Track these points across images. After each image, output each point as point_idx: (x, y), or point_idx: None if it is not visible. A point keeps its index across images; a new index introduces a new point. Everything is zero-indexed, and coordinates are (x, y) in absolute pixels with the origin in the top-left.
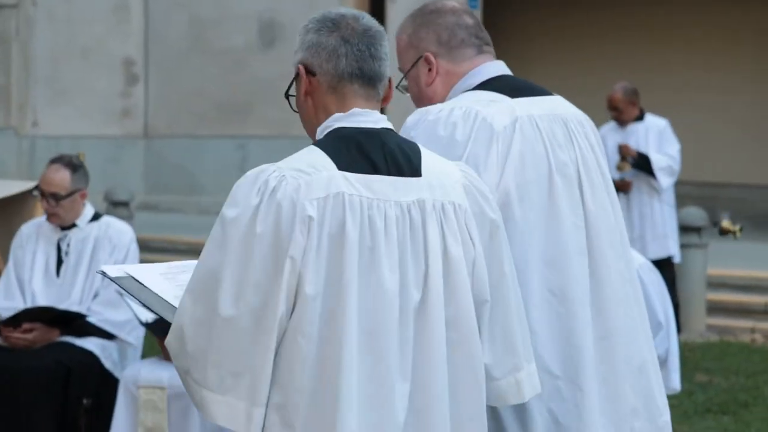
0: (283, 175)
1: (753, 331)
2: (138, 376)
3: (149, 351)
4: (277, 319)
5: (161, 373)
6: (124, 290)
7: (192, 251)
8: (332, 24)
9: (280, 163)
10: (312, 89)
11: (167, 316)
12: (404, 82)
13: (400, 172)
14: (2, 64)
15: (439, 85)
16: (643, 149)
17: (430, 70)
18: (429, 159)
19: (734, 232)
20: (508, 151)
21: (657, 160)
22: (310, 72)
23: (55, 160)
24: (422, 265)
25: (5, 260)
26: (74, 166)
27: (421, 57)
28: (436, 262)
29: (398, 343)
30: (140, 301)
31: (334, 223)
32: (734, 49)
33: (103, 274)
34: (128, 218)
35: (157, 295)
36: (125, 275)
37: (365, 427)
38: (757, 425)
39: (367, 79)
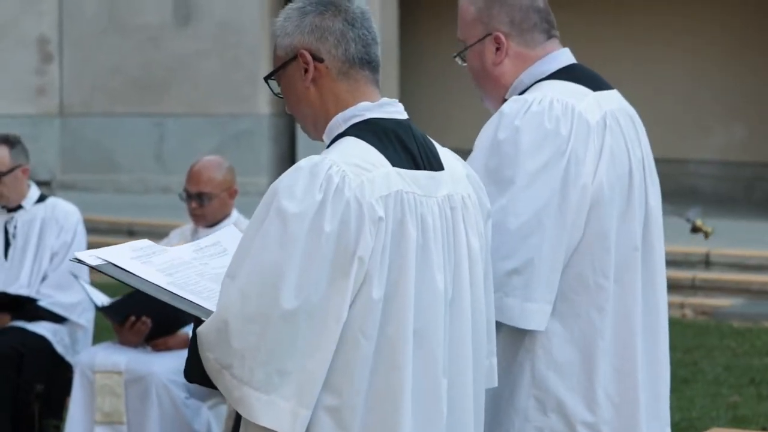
0: (344, 171)
1: (682, 306)
2: (94, 361)
3: (99, 334)
4: (341, 321)
5: (118, 358)
6: (109, 276)
7: (113, 230)
8: (333, 6)
9: (333, 156)
10: (319, 76)
11: (167, 299)
12: (463, 54)
13: (431, 166)
14: None
15: (508, 66)
16: None
17: (498, 49)
18: (441, 151)
19: (706, 233)
20: (602, 146)
21: None
22: (316, 58)
23: None
24: (453, 261)
25: None
26: (11, 141)
27: (489, 35)
28: (463, 257)
29: (442, 340)
30: (128, 284)
31: (396, 222)
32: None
33: (80, 261)
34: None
35: (145, 279)
36: (104, 262)
37: (419, 425)
38: (700, 401)
39: (374, 65)
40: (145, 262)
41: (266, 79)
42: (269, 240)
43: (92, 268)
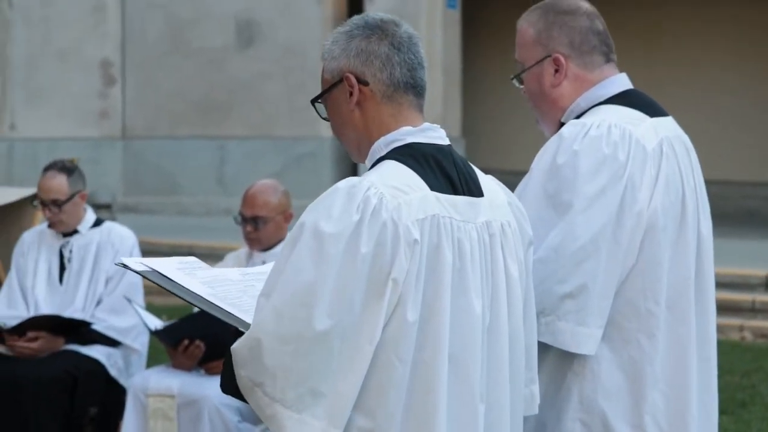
0: (382, 193)
1: (742, 329)
2: (147, 384)
3: (153, 358)
4: (374, 342)
5: (170, 381)
6: (153, 282)
7: (173, 253)
8: (380, 30)
9: (371, 178)
10: (363, 99)
11: (206, 308)
12: (521, 76)
13: (471, 192)
14: None
15: (566, 89)
16: None
17: (557, 71)
18: (482, 177)
19: None
20: (658, 172)
21: None
22: (361, 81)
23: (48, 168)
24: (491, 287)
25: (6, 269)
26: (68, 169)
27: (549, 56)
28: (501, 284)
29: (479, 366)
30: (170, 291)
31: (432, 245)
32: (719, 46)
33: (125, 266)
34: (110, 221)
35: (188, 289)
36: (149, 269)
37: None
38: (757, 425)
39: (419, 89)
40: (189, 274)
41: (313, 102)
42: (304, 260)
43: (136, 273)
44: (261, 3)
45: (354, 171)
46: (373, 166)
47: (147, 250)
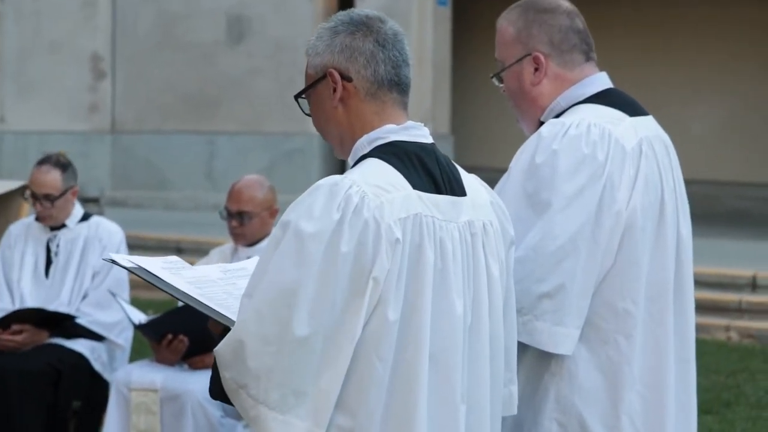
0: (364, 191)
1: (728, 329)
2: (130, 379)
3: (137, 352)
4: (354, 341)
5: (154, 376)
6: (141, 278)
7: (161, 248)
8: (365, 27)
9: (353, 177)
10: (347, 96)
11: (195, 306)
12: (501, 74)
13: (453, 192)
14: None
15: (546, 87)
16: None
17: (537, 70)
18: (465, 176)
19: None
20: (637, 172)
21: None
22: (345, 77)
23: (42, 161)
24: (472, 287)
25: None
26: (63, 165)
27: (528, 55)
28: (483, 284)
29: (461, 366)
30: (159, 288)
31: (413, 245)
32: (713, 46)
33: (113, 261)
34: (98, 215)
35: (176, 287)
36: (136, 266)
37: None
38: (741, 425)
39: (403, 87)
40: (175, 274)
41: (296, 97)
42: (285, 260)
43: (125, 269)
44: None
45: (342, 167)
46: (355, 163)
47: (134, 245)
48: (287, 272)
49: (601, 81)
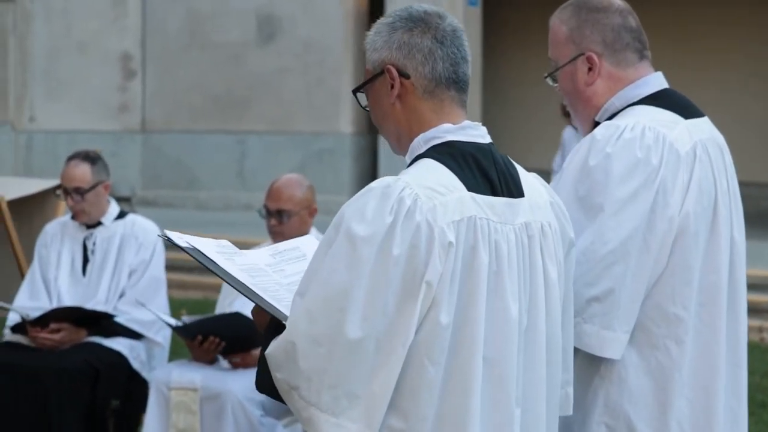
0: (417, 194)
1: (761, 330)
2: (169, 378)
3: (175, 352)
4: (407, 344)
5: (193, 375)
6: (195, 259)
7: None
8: (423, 23)
9: (407, 178)
10: (405, 93)
11: (247, 294)
12: (555, 74)
13: (510, 193)
14: (0, 59)
15: (600, 87)
16: None
17: (590, 69)
18: (524, 176)
19: None
20: (690, 177)
21: None
22: (402, 74)
23: (72, 157)
24: (529, 289)
25: (28, 260)
26: (92, 158)
27: (581, 54)
28: (540, 286)
29: (515, 369)
30: (212, 272)
31: (467, 248)
32: (733, 47)
33: (168, 239)
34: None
35: (230, 274)
36: (191, 247)
37: None
38: None
39: (461, 84)
40: (228, 259)
41: (354, 92)
42: (337, 262)
43: (179, 248)
44: None
45: (373, 168)
46: (411, 163)
47: (165, 245)
48: (339, 274)
49: (657, 81)
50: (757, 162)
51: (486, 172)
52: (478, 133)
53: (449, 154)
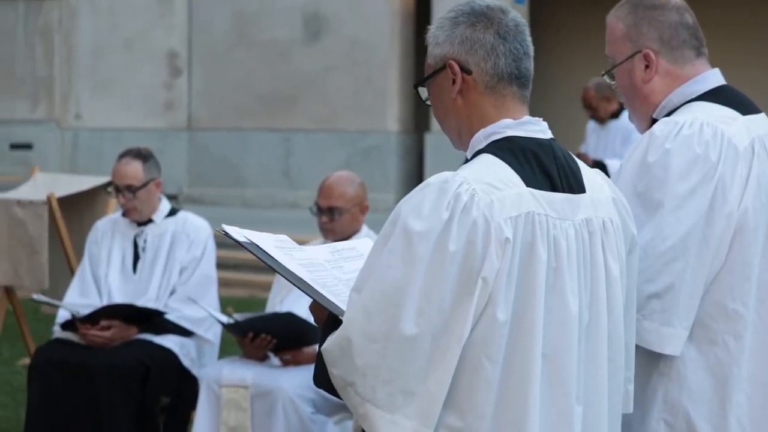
0: (474, 189)
1: None
2: (220, 375)
3: (224, 350)
4: (462, 341)
5: (244, 372)
6: (252, 254)
7: (239, 246)
8: (485, 18)
9: (464, 174)
10: (466, 88)
11: (305, 290)
12: (612, 72)
13: (571, 189)
14: (45, 56)
15: (658, 84)
16: (612, 150)
17: (647, 66)
18: (586, 172)
19: None
20: (749, 173)
21: (612, 167)
22: (464, 69)
23: (124, 154)
24: (590, 286)
25: (78, 257)
26: (144, 156)
27: (639, 52)
28: (601, 283)
29: (576, 366)
30: (270, 267)
31: (525, 243)
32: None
33: (226, 233)
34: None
35: (288, 268)
36: (249, 241)
37: None
38: None
39: (524, 80)
40: (287, 255)
41: (416, 86)
42: (394, 258)
43: (237, 242)
44: None
45: (420, 166)
46: (471, 158)
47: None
48: (395, 270)
49: (714, 78)
50: None
51: (545, 168)
52: (538, 129)
53: (508, 149)
